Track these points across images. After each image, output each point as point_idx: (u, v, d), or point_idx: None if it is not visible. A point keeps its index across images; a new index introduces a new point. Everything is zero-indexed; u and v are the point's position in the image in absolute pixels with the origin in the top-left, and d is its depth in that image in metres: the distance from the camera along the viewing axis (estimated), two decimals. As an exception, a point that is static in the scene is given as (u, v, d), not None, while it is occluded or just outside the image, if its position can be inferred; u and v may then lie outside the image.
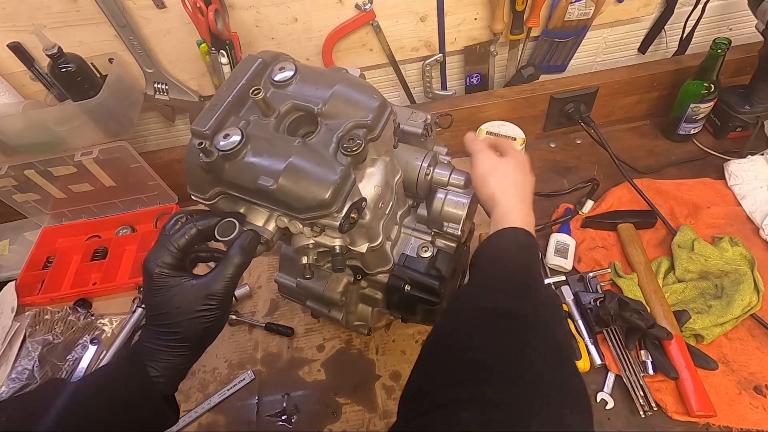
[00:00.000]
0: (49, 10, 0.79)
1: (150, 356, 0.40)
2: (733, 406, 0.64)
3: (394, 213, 0.59)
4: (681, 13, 0.93)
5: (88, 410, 0.39)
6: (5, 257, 1.03)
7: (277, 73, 0.47)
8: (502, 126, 0.96)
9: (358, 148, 0.42)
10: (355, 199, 0.44)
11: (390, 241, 0.59)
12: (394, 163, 0.55)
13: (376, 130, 0.45)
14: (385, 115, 0.46)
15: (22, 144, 0.84)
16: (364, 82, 0.47)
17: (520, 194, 0.54)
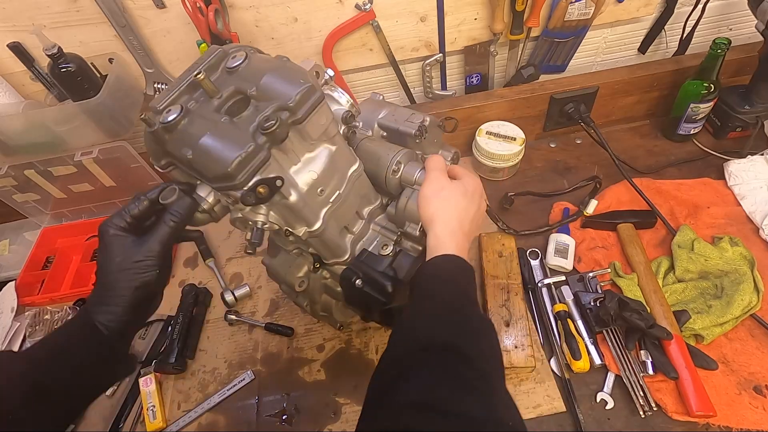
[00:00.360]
0: (49, 10, 0.79)
1: (95, 309, 0.44)
2: (733, 406, 0.64)
3: (354, 206, 0.60)
4: (681, 13, 0.93)
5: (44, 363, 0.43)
6: (5, 257, 1.03)
7: (230, 61, 0.51)
8: (502, 126, 0.96)
9: (271, 126, 0.44)
10: (269, 176, 0.47)
11: (351, 234, 0.62)
12: (348, 153, 0.57)
13: (298, 113, 0.47)
14: (309, 100, 0.47)
15: (22, 144, 0.84)
16: (298, 70, 0.49)
17: (459, 220, 0.53)
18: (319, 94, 0.48)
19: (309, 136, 0.50)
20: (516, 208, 0.93)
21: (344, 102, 0.57)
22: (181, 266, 0.94)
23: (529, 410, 0.67)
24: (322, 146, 0.53)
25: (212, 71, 0.51)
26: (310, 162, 0.52)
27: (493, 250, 0.81)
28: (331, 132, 0.52)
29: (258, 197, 0.46)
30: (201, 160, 0.45)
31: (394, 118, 0.68)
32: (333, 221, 0.57)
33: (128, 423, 0.74)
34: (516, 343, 0.70)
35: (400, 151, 0.61)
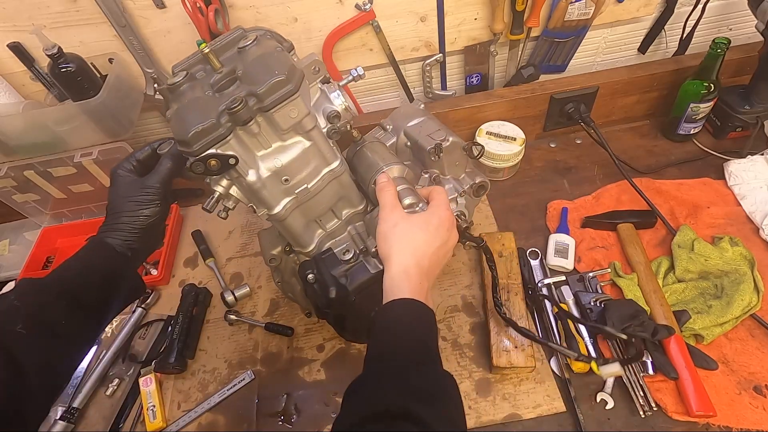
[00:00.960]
0: (49, 10, 0.79)
1: (105, 234, 0.52)
2: (733, 406, 0.64)
3: (328, 204, 0.61)
4: (681, 13, 0.93)
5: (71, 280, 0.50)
6: (5, 257, 1.03)
7: (242, 42, 0.53)
8: (502, 126, 0.96)
9: (234, 107, 0.47)
10: (226, 152, 0.50)
11: (322, 229, 0.64)
12: (328, 152, 0.57)
13: (265, 101, 0.48)
14: (279, 92, 0.48)
15: (22, 144, 0.84)
16: (282, 61, 0.50)
17: (416, 259, 0.50)
18: (291, 87, 0.48)
19: (278, 125, 0.51)
20: (516, 208, 0.93)
21: (337, 103, 0.56)
22: (181, 266, 0.94)
23: (529, 410, 0.67)
24: (297, 138, 0.54)
25: (229, 48, 0.55)
26: (280, 150, 0.54)
27: (493, 249, 0.81)
28: (305, 126, 0.53)
29: (208, 168, 0.50)
30: (174, 122, 0.51)
31: (420, 129, 0.68)
32: (298, 212, 0.60)
33: (128, 423, 0.74)
34: (516, 342, 0.70)
35: (390, 164, 0.60)
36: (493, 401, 0.69)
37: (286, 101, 0.49)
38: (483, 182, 0.70)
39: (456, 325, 0.77)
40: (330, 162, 0.58)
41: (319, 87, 0.57)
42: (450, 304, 0.80)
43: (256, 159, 0.54)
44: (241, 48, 0.52)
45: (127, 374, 0.80)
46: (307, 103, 0.53)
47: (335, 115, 0.56)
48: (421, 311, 0.48)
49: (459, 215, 0.69)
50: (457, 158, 0.68)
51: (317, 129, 0.54)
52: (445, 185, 0.69)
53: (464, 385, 0.71)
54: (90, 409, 0.77)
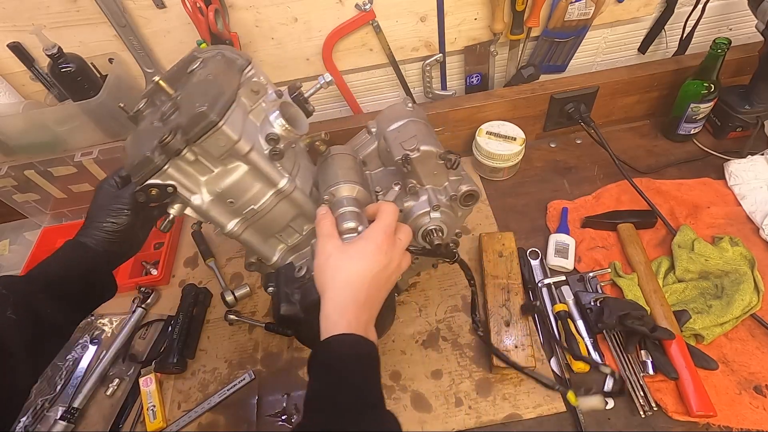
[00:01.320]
0: (49, 10, 0.79)
1: (81, 235, 0.56)
2: (733, 406, 0.64)
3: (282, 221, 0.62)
4: (681, 13, 0.93)
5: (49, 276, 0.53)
6: (5, 257, 1.03)
7: (192, 64, 0.55)
8: (502, 126, 0.96)
9: (164, 141, 0.48)
10: (165, 182, 0.52)
11: (284, 244, 0.66)
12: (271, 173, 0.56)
13: (189, 133, 0.49)
14: (199, 125, 0.48)
15: (22, 144, 0.85)
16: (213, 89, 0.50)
17: (353, 290, 0.48)
18: (213, 118, 0.48)
19: (211, 153, 0.52)
20: (516, 208, 0.93)
21: (276, 125, 0.55)
22: (181, 266, 0.94)
23: (530, 410, 0.67)
24: (237, 162, 0.54)
25: (183, 71, 0.57)
26: (223, 174, 0.55)
27: (494, 250, 0.81)
28: (240, 151, 0.52)
29: (150, 197, 0.52)
30: (127, 150, 0.55)
31: (397, 134, 0.65)
32: (252, 230, 0.61)
33: (128, 423, 0.74)
34: (516, 343, 0.70)
35: (339, 183, 0.59)
36: (494, 401, 0.69)
37: (210, 132, 0.49)
38: (470, 191, 0.64)
39: (456, 325, 0.77)
40: (276, 183, 0.57)
41: (263, 107, 0.56)
42: (450, 304, 0.80)
43: (200, 183, 0.55)
44: (190, 72, 0.54)
45: (127, 374, 0.80)
46: (239, 128, 0.51)
47: (273, 138, 0.54)
48: (360, 346, 0.46)
49: (435, 230, 0.64)
50: (434, 167, 0.63)
51: (256, 152, 0.53)
52: (421, 196, 0.64)
53: (464, 385, 0.71)
54: (90, 409, 0.77)
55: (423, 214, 0.64)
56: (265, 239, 0.64)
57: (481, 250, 0.82)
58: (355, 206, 0.57)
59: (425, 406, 0.70)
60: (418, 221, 0.65)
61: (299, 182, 0.60)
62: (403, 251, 0.54)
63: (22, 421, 0.75)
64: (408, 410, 0.70)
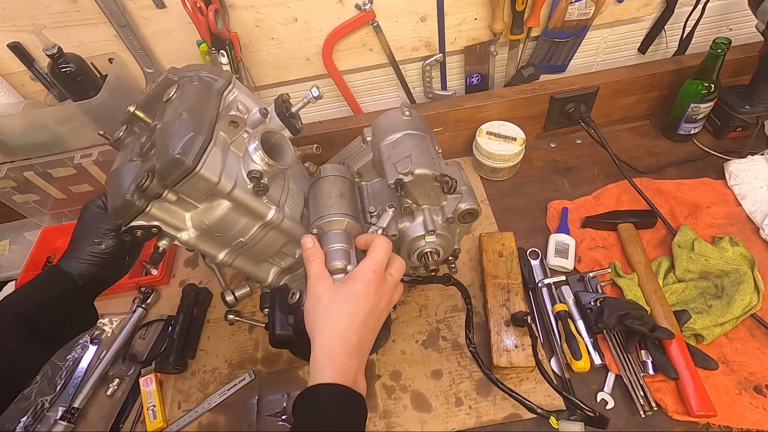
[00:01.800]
0: (49, 10, 0.79)
1: (63, 261, 0.54)
2: (733, 406, 0.64)
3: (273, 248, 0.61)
4: (681, 13, 0.93)
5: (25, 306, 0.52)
6: (5, 257, 1.03)
7: (168, 91, 0.53)
8: (502, 126, 0.96)
9: (141, 186, 0.47)
10: (149, 223, 0.51)
11: (277, 266, 0.65)
12: (257, 207, 0.54)
13: (166, 180, 0.47)
14: (177, 171, 0.46)
15: (22, 144, 0.84)
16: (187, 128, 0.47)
17: (342, 335, 0.47)
18: (188, 164, 0.46)
19: (192, 195, 0.51)
20: (516, 208, 0.93)
21: (257, 159, 0.53)
22: (181, 266, 0.94)
23: (530, 410, 0.67)
24: (221, 199, 0.52)
25: (158, 97, 0.54)
26: (207, 211, 0.53)
27: (494, 249, 0.81)
28: (221, 191, 0.50)
29: (136, 238, 0.52)
30: (108, 187, 0.54)
31: (391, 152, 0.60)
32: (243, 258, 0.61)
33: (128, 423, 0.74)
34: (516, 342, 0.70)
35: (327, 217, 0.57)
36: (494, 401, 0.69)
37: (186, 178, 0.47)
38: (470, 209, 0.61)
39: (456, 325, 0.77)
40: (263, 216, 0.55)
41: (244, 138, 0.53)
42: (450, 304, 0.80)
43: (185, 220, 0.54)
44: (166, 101, 0.52)
45: (128, 374, 0.80)
46: (218, 167, 0.49)
47: (255, 176, 0.52)
48: (347, 399, 0.45)
49: (430, 253, 0.62)
50: (431, 189, 0.59)
51: (239, 189, 0.51)
52: (417, 217, 0.62)
53: (464, 385, 0.71)
54: (90, 409, 0.77)
55: (418, 238, 0.62)
56: (257, 264, 0.63)
57: (481, 250, 0.82)
58: (343, 242, 0.56)
59: (425, 405, 0.70)
60: (414, 244, 0.62)
61: (288, 209, 0.59)
62: (395, 286, 0.53)
63: (22, 421, 0.75)
64: (408, 410, 0.70)
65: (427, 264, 0.62)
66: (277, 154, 0.55)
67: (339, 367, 0.46)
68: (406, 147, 0.60)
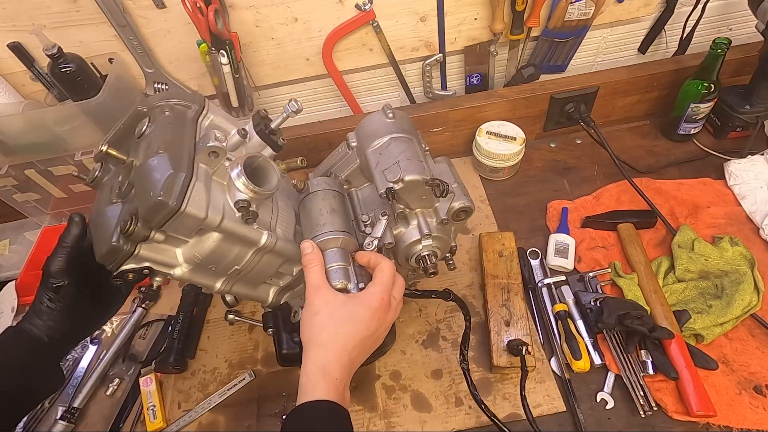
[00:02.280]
0: (49, 10, 0.79)
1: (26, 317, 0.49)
2: (733, 406, 0.64)
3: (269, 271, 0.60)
4: (681, 13, 0.93)
5: None
6: (5, 257, 1.03)
7: (139, 126, 0.51)
8: (502, 126, 0.96)
9: (126, 231, 0.45)
10: (139, 265, 0.49)
11: (276, 285, 0.64)
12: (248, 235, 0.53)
13: (151, 222, 0.46)
14: (161, 214, 0.45)
15: (22, 144, 0.84)
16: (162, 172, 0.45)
17: (338, 353, 0.46)
18: (172, 206, 0.44)
19: (178, 232, 0.49)
20: (516, 208, 0.93)
21: (241, 188, 0.50)
22: (181, 266, 0.94)
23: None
24: (211, 232, 0.50)
25: (130, 131, 0.52)
26: (197, 244, 0.51)
27: (494, 249, 0.81)
28: (210, 225, 0.48)
29: (127, 281, 0.49)
30: (92, 231, 0.51)
31: (379, 158, 0.58)
32: (240, 284, 0.59)
33: (128, 423, 0.74)
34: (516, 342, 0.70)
35: (322, 235, 0.55)
36: (494, 401, 0.69)
37: (172, 218, 0.45)
38: (464, 207, 0.60)
39: (456, 325, 0.77)
40: (255, 242, 0.54)
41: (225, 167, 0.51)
42: (450, 304, 0.80)
43: (176, 256, 0.52)
44: (139, 137, 0.50)
45: (127, 374, 0.80)
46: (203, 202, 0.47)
47: (242, 206, 0.50)
48: (337, 416, 0.44)
49: (428, 256, 0.62)
50: (422, 193, 0.58)
51: (228, 219, 0.50)
52: (411, 222, 0.61)
53: (464, 385, 0.70)
54: (90, 409, 0.77)
55: (414, 242, 0.61)
56: (255, 287, 0.62)
57: (481, 249, 0.82)
58: (341, 260, 0.54)
59: (425, 405, 0.70)
60: (410, 249, 0.62)
61: (281, 230, 0.57)
62: (396, 309, 0.52)
63: (22, 421, 0.75)
64: (408, 410, 0.70)
65: (426, 267, 0.62)
66: (262, 177, 0.53)
67: (331, 384, 0.45)
68: (393, 152, 0.58)
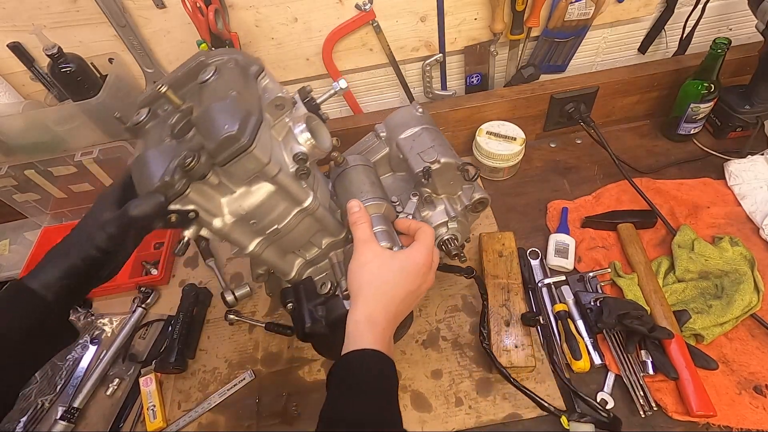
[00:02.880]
0: (49, 10, 0.79)
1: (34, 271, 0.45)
2: (733, 406, 0.64)
3: (304, 238, 0.60)
4: (681, 13, 0.93)
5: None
6: (5, 257, 1.03)
7: (203, 73, 0.50)
8: (502, 126, 0.96)
9: (187, 165, 0.44)
10: (185, 207, 0.48)
11: (302, 258, 0.63)
12: (297, 192, 0.54)
13: (216, 158, 0.46)
14: (229, 149, 0.45)
15: (22, 144, 0.84)
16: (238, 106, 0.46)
17: (384, 302, 0.48)
18: (244, 142, 0.45)
19: (236, 177, 0.49)
20: (516, 208, 0.93)
21: (302, 141, 0.52)
22: (181, 266, 0.94)
23: (530, 410, 0.67)
24: (262, 183, 0.51)
25: (191, 79, 0.52)
26: (245, 195, 0.52)
27: (494, 249, 0.81)
28: (269, 173, 0.49)
29: (169, 223, 0.48)
30: (134, 174, 0.49)
31: (412, 144, 0.64)
32: (272, 248, 0.59)
33: (128, 423, 0.74)
34: (516, 342, 0.70)
35: (366, 200, 0.58)
36: (494, 401, 0.69)
37: (239, 156, 0.46)
38: (482, 198, 0.67)
39: (456, 325, 0.77)
40: (301, 202, 0.55)
41: (287, 122, 0.53)
42: (450, 304, 0.80)
43: (221, 206, 0.51)
44: (202, 83, 0.50)
45: (128, 374, 0.80)
46: (268, 148, 0.49)
47: (301, 158, 0.52)
48: (383, 364, 0.45)
49: (450, 239, 0.66)
50: (452, 177, 0.64)
51: (283, 173, 0.51)
52: (438, 206, 0.66)
53: (464, 385, 0.71)
54: (90, 409, 0.77)
55: (441, 225, 0.65)
56: (283, 256, 0.62)
57: (481, 249, 0.82)
58: (384, 224, 0.57)
59: (425, 405, 0.70)
60: (436, 231, 0.66)
61: (320, 197, 0.58)
62: (434, 273, 0.55)
63: (22, 421, 0.75)
64: (408, 410, 0.70)
65: (449, 250, 0.66)
66: (316, 140, 0.55)
67: (377, 334, 0.46)
68: (426, 140, 0.64)
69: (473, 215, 0.69)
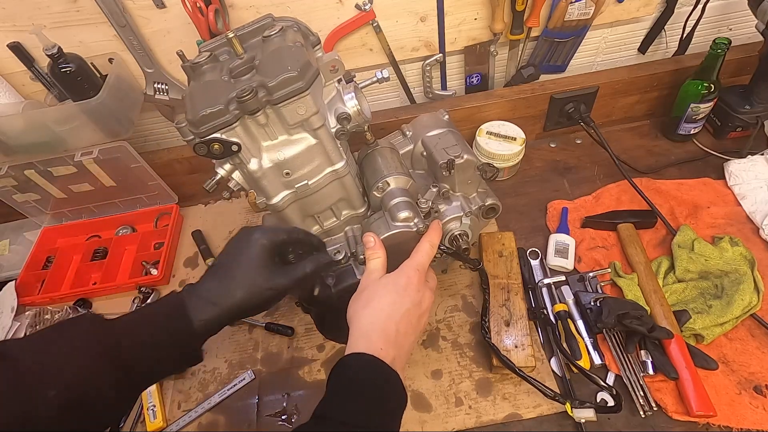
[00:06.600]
0: (49, 10, 0.79)
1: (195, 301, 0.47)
2: (733, 406, 0.64)
3: (327, 202, 0.63)
4: (681, 13, 0.93)
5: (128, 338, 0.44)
6: (5, 257, 1.03)
7: (268, 30, 0.54)
8: (502, 126, 0.96)
9: (244, 97, 0.48)
10: (230, 138, 0.51)
11: (319, 225, 0.66)
12: (334, 151, 0.57)
13: (273, 94, 0.49)
14: (288, 88, 0.49)
15: (22, 144, 0.84)
16: (298, 58, 0.50)
17: (381, 324, 0.48)
18: (301, 84, 0.49)
19: (286, 119, 0.52)
20: (516, 208, 0.93)
21: (350, 105, 0.57)
22: (181, 266, 0.94)
23: (530, 410, 0.67)
24: (303, 134, 0.55)
25: (255, 35, 0.57)
26: (285, 144, 0.55)
27: (493, 249, 0.81)
28: (313, 124, 0.53)
29: (211, 151, 0.51)
30: (187, 101, 0.52)
31: (438, 141, 0.69)
32: (296, 206, 0.61)
33: (128, 423, 0.74)
34: (516, 342, 0.70)
35: (393, 174, 0.62)
36: (494, 401, 0.69)
37: (295, 98, 0.50)
38: (494, 204, 0.70)
39: (456, 325, 0.77)
40: (334, 162, 0.58)
41: (336, 86, 0.57)
42: (450, 304, 0.80)
43: (260, 148, 0.55)
44: (266, 37, 0.54)
45: (127, 374, 0.80)
46: (319, 101, 0.54)
47: (345, 117, 0.56)
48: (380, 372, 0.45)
49: (461, 235, 0.69)
50: (470, 177, 0.68)
51: (325, 128, 0.55)
52: (453, 202, 0.69)
53: (464, 385, 0.71)
54: (90, 409, 0.77)
55: (455, 219, 0.68)
56: (303, 218, 0.64)
57: (481, 250, 0.82)
58: (408, 197, 0.60)
59: (425, 405, 0.70)
60: (448, 225, 0.69)
61: (350, 167, 0.61)
62: (432, 292, 0.55)
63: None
64: (408, 410, 0.69)
65: (459, 245, 0.69)
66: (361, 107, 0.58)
67: (374, 349, 0.45)
68: (450, 140, 0.69)
69: (483, 221, 0.72)
